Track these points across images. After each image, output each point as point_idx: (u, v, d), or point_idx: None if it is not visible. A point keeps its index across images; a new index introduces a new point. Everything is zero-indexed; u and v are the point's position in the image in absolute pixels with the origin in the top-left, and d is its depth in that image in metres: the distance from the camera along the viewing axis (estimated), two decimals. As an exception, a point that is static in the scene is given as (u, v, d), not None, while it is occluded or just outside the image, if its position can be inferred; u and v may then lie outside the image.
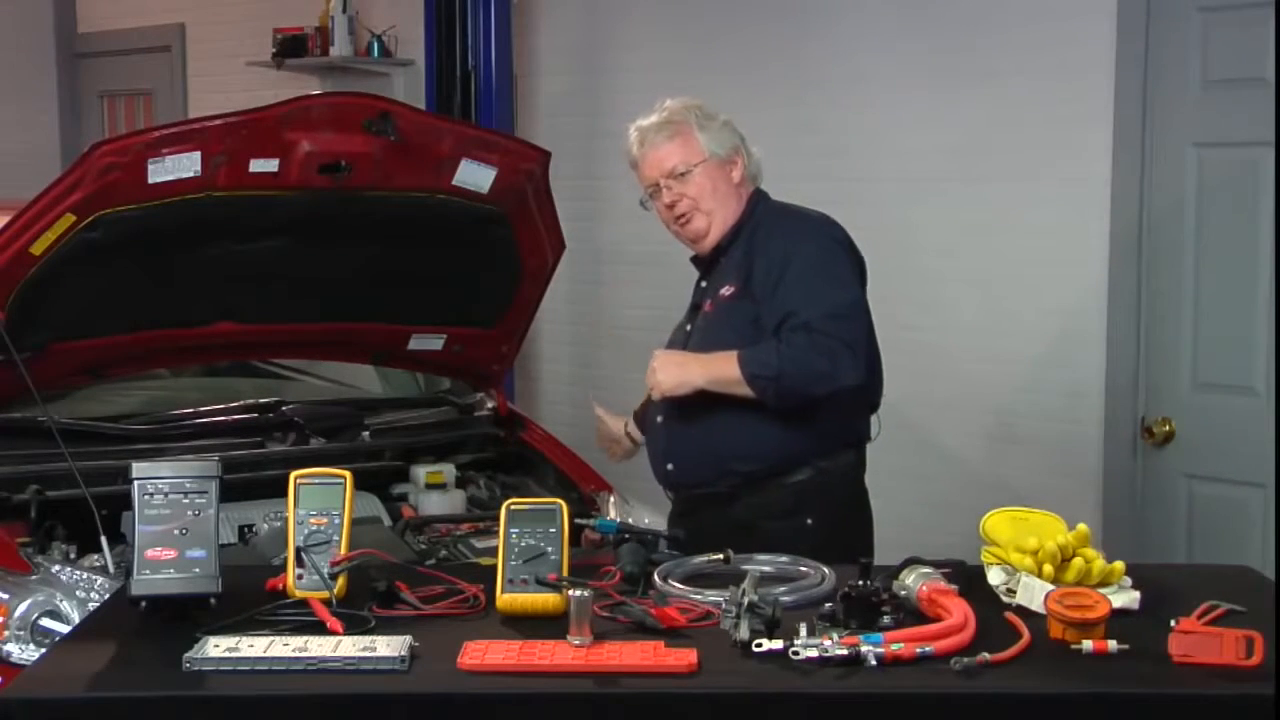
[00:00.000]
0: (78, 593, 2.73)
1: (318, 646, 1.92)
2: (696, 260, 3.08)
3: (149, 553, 2.08)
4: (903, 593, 2.08)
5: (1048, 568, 2.15)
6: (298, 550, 2.18)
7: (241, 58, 5.96)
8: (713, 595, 2.10)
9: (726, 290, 2.93)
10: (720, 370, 2.83)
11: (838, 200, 3.18)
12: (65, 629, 2.62)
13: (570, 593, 1.98)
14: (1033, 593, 2.11)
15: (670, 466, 2.99)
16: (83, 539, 2.92)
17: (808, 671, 1.87)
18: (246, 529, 3.17)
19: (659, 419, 2.99)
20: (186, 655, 1.89)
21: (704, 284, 3.04)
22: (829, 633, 1.93)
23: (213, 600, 2.09)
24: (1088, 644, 1.94)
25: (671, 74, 4.56)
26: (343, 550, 2.19)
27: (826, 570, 2.26)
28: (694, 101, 3.01)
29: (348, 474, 2.27)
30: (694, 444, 2.93)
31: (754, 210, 2.99)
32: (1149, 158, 3.75)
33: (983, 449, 4.11)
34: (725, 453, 2.90)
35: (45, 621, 2.69)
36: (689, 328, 3.03)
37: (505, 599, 2.12)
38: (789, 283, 2.83)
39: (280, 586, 2.20)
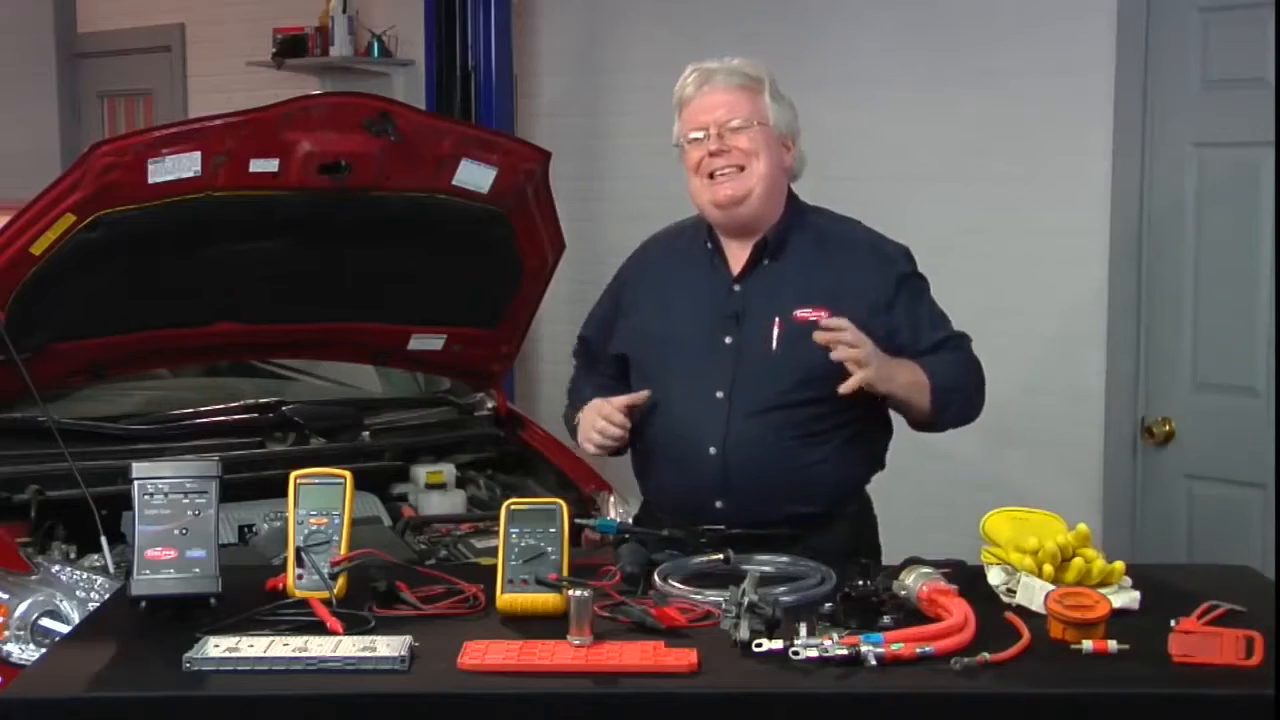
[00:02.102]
0: (78, 593, 2.73)
1: (318, 646, 1.92)
2: (714, 247, 2.68)
3: (149, 553, 2.09)
4: (903, 593, 2.08)
5: (1048, 568, 2.15)
6: (298, 550, 2.18)
7: (241, 58, 5.96)
8: (713, 595, 2.10)
9: (808, 312, 2.54)
10: (912, 375, 2.55)
11: (837, 200, 3.16)
12: (65, 629, 2.62)
13: (570, 593, 1.98)
14: (1033, 593, 2.11)
15: (720, 504, 2.56)
16: (83, 539, 2.92)
17: (808, 671, 1.87)
18: (246, 529, 3.17)
19: (711, 450, 2.56)
20: (186, 655, 1.89)
21: (737, 288, 2.64)
22: (829, 633, 1.93)
23: (213, 600, 2.09)
24: (1088, 644, 1.94)
25: (671, 74, 4.51)
26: (343, 550, 2.19)
27: (826, 570, 2.26)
28: (765, 68, 2.71)
29: (348, 474, 2.27)
30: (756, 481, 2.55)
31: (801, 211, 2.71)
32: (1149, 158, 3.75)
33: (983, 449, 4.10)
34: (792, 493, 2.57)
35: (45, 621, 2.69)
36: (728, 340, 2.60)
37: (505, 599, 2.12)
38: (927, 309, 2.69)
39: (280, 586, 2.19)
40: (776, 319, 2.57)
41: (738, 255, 2.67)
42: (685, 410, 2.60)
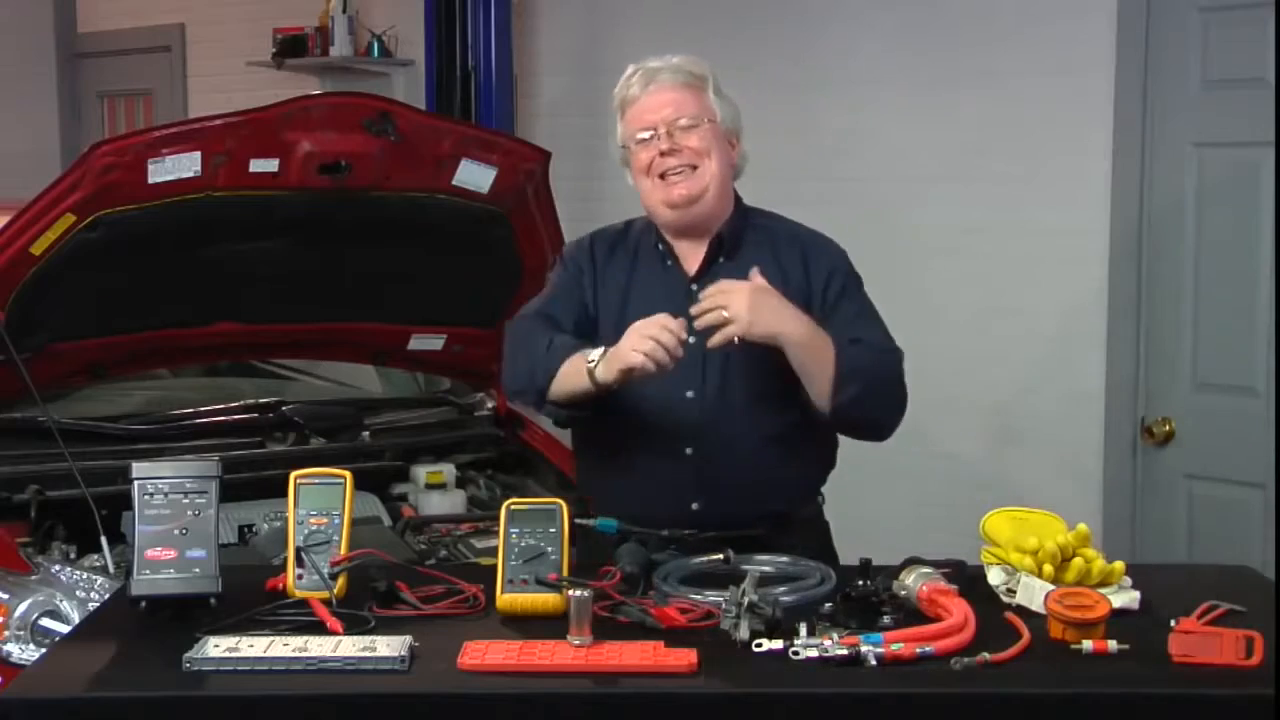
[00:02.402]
0: (78, 593, 2.73)
1: (318, 646, 1.92)
2: (666, 248, 2.62)
3: (149, 553, 2.08)
4: (903, 593, 2.08)
5: (1048, 568, 2.15)
6: (298, 550, 2.18)
7: (241, 58, 5.96)
8: (713, 595, 2.10)
9: None
10: (811, 335, 2.44)
11: (837, 200, 3.18)
12: (65, 629, 2.62)
13: (570, 593, 1.98)
14: (1033, 593, 2.11)
15: (696, 506, 2.52)
16: (83, 539, 2.92)
17: (808, 671, 1.87)
18: (246, 529, 3.17)
19: (687, 451, 2.53)
20: (186, 655, 1.89)
21: (694, 287, 2.55)
22: (829, 633, 1.93)
23: (213, 600, 2.09)
24: (1088, 644, 1.94)
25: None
26: (343, 550, 2.19)
27: (826, 570, 2.26)
28: (708, 64, 2.64)
29: (348, 474, 2.27)
30: (734, 479, 2.52)
31: (747, 213, 2.67)
32: (1149, 158, 3.75)
33: (983, 449, 4.11)
34: (766, 490, 2.54)
35: (45, 621, 2.69)
36: (692, 340, 2.45)
37: (505, 599, 2.11)
38: (850, 306, 2.58)
39: (280, 586, 2.19)
40: None
41: (690, 255, 2.62)
42: (656, 411, 2.53)
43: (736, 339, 2.40)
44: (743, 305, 2.39)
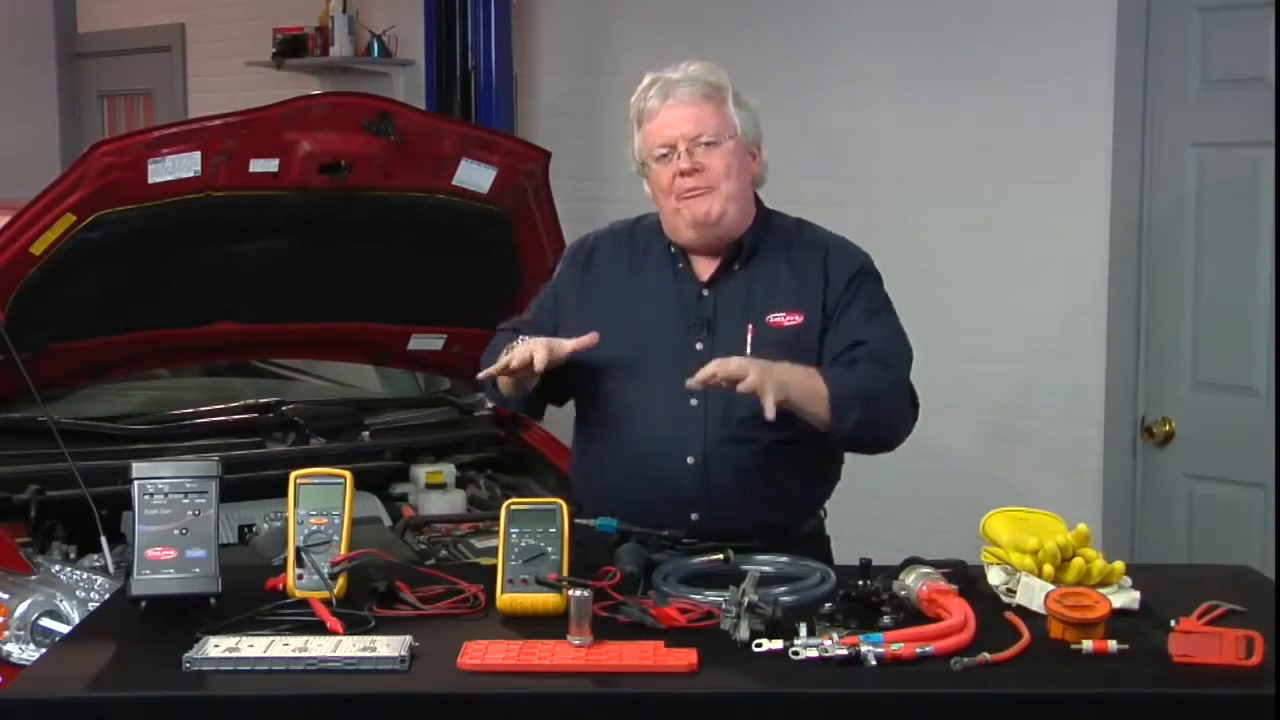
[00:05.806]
0: (78, 593, 2.74)
1: (318, 646, 1.92)
2: (682, 255, 2.58)
3: (149, 553, 2.08)
4: (903, 593, 2.08)
5: (1048, 568, 2.15)
6: (298, 550, 2.18)
7: (241, 58, 5.96)
8: (713, 595, 2.10)
9: (782, 318, 2.50)
10: (807, 385, 2.39)
11: (837, 200, 3.17)
12: (65, 629, 2.63)
13: (570, 593, 1.98)
14: (1033, 593, 2.11)
15: (696, 516, 2.45)
16: (83, 539, 2.93)
17: (808, 671, 1.87)
18: (246, 529, 3.17)
19: (689, 460, 2.47)
20: (186, 655, 1.89)
21: (706, 293, 2.55)
22: (829, 633, 1.93)
23: (213, 600, 2.09)
24: (1088, 644, 1.94)
25: (671, 74, 4.55)
26: (343, 550, 2.19)
27: (826, 570, 2.26)
28: (725, 72, 2.57)
29: (348, 474, 2.27)
30: (737, 491, 2.47)
31: (769, 218, 2.61)
32: (1149, 158, 3.75)
33: (983, 449, 4.11)
34: (769, 503, 2.50)
35: (45, 621, 2.69)
36: (699, 346, 2.48)
37: (505, 599, 2.12)
38: (859, 306, 2.53)
39: (280, 586, 2.19)
40: (749, 325, 2.47)
41: (703, 259, 2.58)
42: (660, 418, 2.48)
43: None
44: (758, 373, 2.30)
